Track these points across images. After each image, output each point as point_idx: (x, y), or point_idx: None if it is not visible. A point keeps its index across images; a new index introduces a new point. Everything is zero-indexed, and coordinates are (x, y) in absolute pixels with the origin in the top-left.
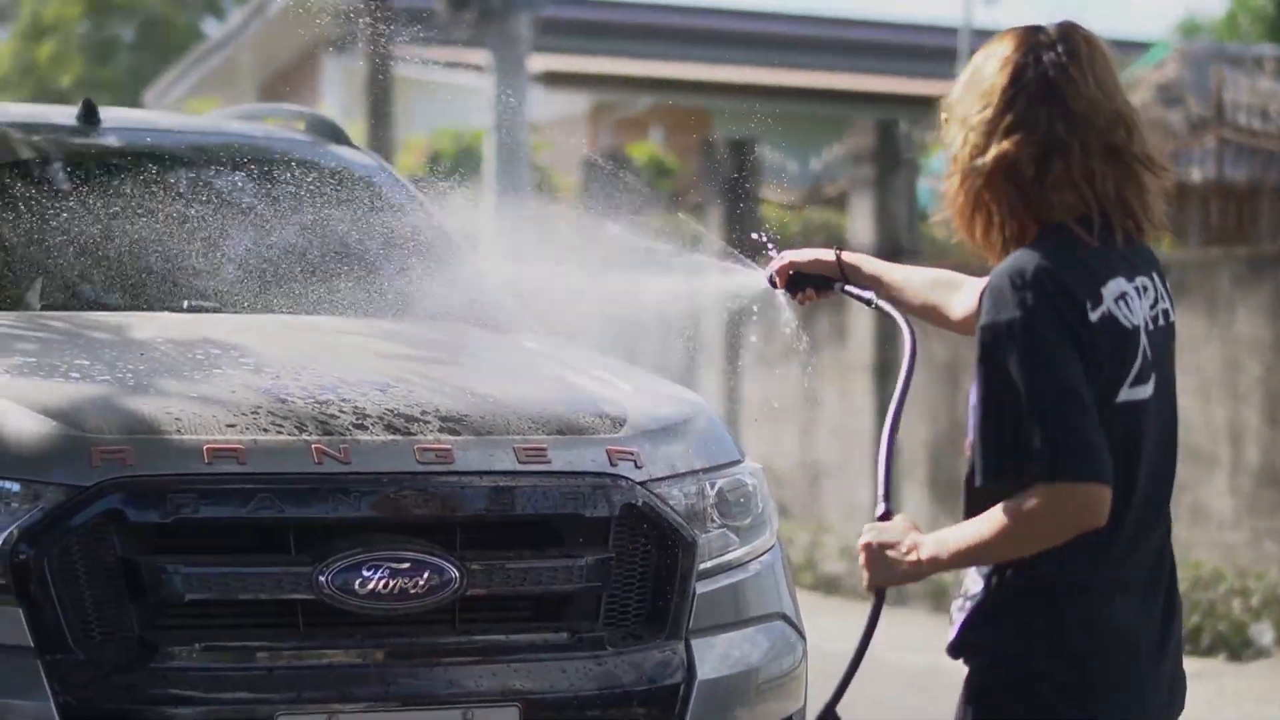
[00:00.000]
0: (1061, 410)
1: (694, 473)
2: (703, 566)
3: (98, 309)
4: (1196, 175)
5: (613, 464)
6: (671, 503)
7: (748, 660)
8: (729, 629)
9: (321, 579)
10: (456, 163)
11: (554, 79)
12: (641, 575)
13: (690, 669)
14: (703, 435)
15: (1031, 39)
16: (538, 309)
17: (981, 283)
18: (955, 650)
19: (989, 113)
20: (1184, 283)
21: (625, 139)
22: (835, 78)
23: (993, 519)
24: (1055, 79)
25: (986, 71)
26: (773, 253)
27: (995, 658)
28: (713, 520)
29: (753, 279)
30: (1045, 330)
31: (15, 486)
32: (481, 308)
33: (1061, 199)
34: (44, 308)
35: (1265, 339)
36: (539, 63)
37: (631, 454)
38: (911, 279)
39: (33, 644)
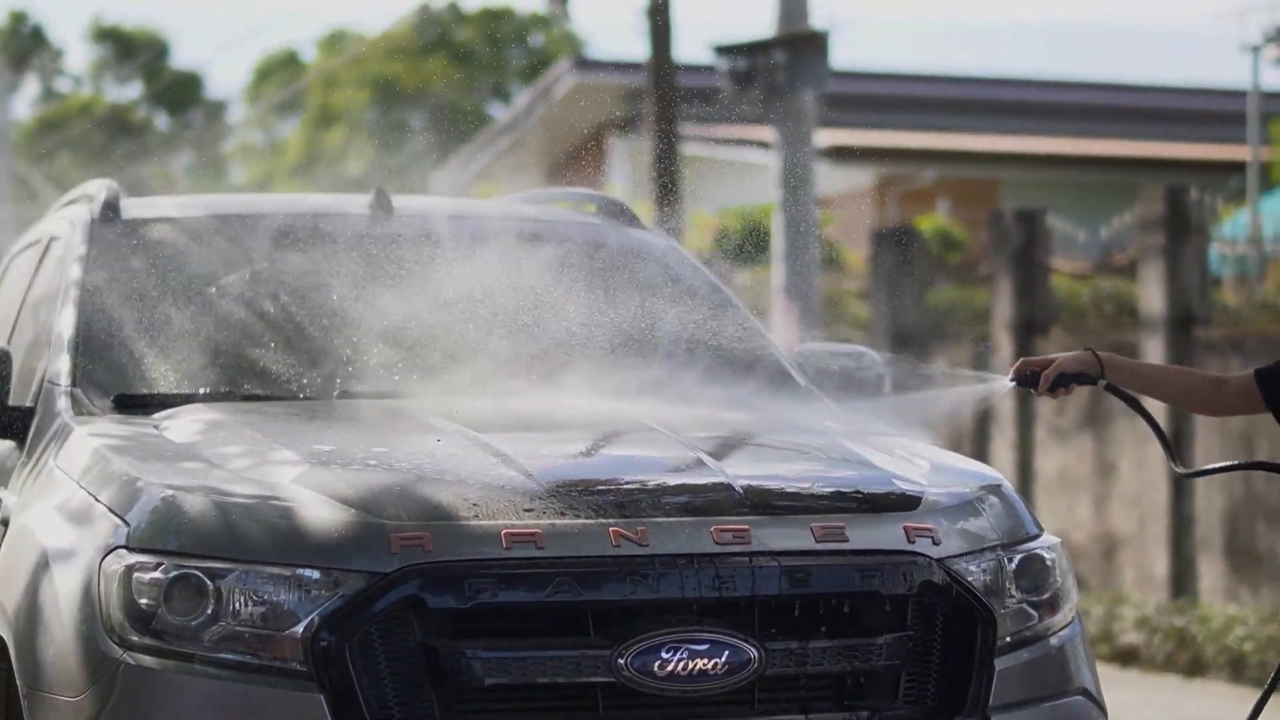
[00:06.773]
0: None
1: (992, 548)
2: (1002, 642)
3: (392, 396)
4: None
5: (910, 541)
6: (970, 579)
7: None
8: (1030, 705)
9: (620, 661)
10: (744, 239)
11: (839, 153)
12: (941, 652)
13: None
14: (999, 510)
15: None
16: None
17: (1242, 378)
18: None
19: None
20: None
21: (912, 211)
22: (1123, 145)
23: None
24: None
25: None
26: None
27: None
28: (1011, 595)
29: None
30: None
31: (316, 574)
32: (777, 386)
33: None
34: (340, 396)
35: None
36: (824, 137)
37: (929, 530)
38: (1166, 373)
39: None
